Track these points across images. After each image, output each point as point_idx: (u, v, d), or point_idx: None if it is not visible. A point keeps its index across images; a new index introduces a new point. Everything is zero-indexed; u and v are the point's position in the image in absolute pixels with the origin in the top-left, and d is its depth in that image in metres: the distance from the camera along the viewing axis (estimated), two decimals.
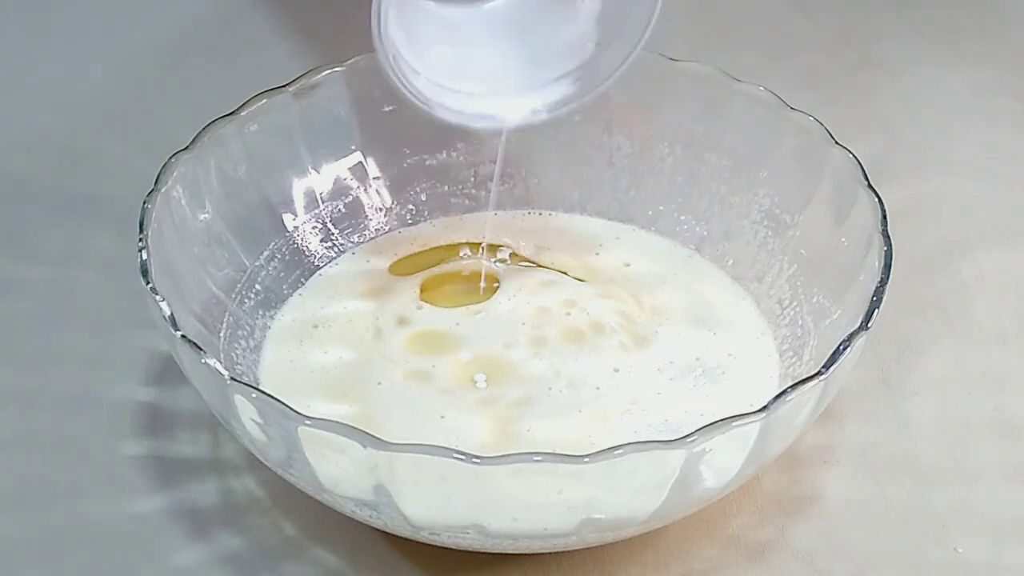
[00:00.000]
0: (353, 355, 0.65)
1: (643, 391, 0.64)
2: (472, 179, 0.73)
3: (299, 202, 0.70)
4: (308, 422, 0.55)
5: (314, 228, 0.70)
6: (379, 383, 0.64)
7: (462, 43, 0.68)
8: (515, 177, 0.73)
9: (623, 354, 0.65)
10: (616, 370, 0.65)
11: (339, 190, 0.71)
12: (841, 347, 0.58)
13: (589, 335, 0.66)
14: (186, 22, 0.90)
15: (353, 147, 0.72)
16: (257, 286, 0.68)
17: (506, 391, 0.64)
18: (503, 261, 0.70)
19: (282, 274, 0.69)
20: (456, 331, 0.66)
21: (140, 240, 0.61)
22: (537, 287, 0.69)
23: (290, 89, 0.69)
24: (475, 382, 0.64)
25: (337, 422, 0.54)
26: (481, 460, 0.54)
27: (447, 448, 0.54)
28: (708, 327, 0.67)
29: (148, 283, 0.60)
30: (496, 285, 0.69)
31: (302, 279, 0.69)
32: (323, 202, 0.71)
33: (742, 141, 0.70)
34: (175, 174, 0.65)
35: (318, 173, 0.71)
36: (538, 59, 0.68)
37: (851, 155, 0.66)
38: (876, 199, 0.63)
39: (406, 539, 0.59)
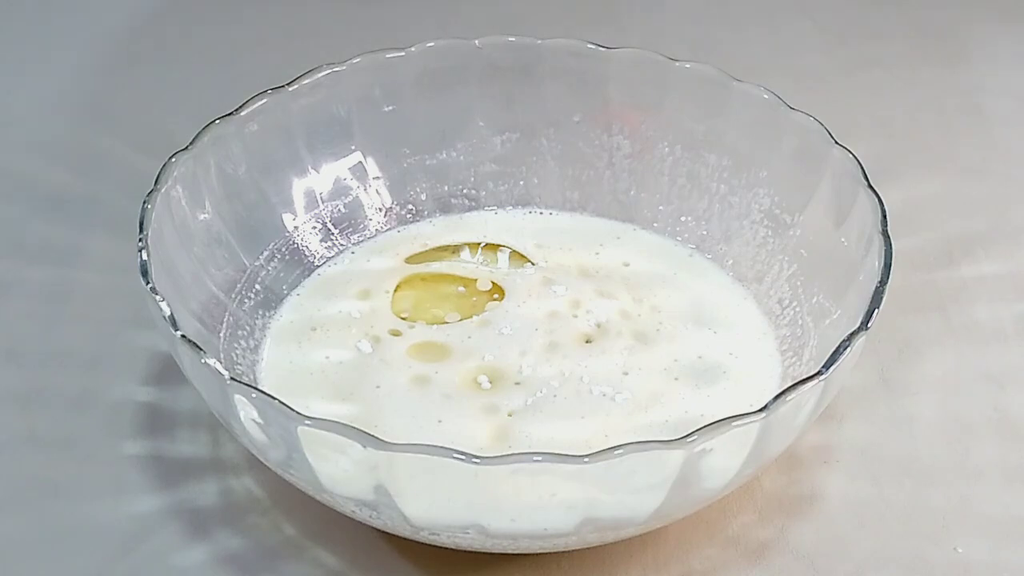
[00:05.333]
0: (352, 358, 0.65)
1: (648, 392, 0.64)
2: (472, 179, 0.73)
3: (299, 202, 0.70)
4: (308, 422, 0.55)
5: (314, 228, 0.70)
6: (378, 386, 0.64)
7: None
8: (515, 177, 0.73)
9: (630, 356, 0.65)
10: (625, 373, 0.65)
11: (339, 190, 0.71)
12: (841, 347, 0.58)
13: (597, 338, 0.66)
14: (187, 22, 0.90)
15: (353, 147, 0.72)
16: (257, 286, 0.68)
17: (509, 397, 0.63)
18: (492, 264, 0.70)
19: (282, 274, 0.69)
20: (467, 343, 0.66)
21: (140, 240, 0.61)
22: (540, 288, 0.68)
23: (290, 89, 0.69)
24: (479, 384, 0.64)
25: (337, 422, 0.54)
26: (481, 460, 0.53)
27: (447, 448, 0.54)
28: (709, 326, 0.67)
29: (148, 283, 0.60)
30: (496, 296, 0.69)
31: (302, 279, 0.69)
32: (323, 202, 0.71)
33: (742, 141, 0.70)
34: (175, 174, 0.65)
35: (318, 173, 0.71)
36: None
37: (851, 155, 0.66)
38: (876, 199, 0.63)
39: (406, 539, 0.59)
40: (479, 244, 0.71)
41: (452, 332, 0.66)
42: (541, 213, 0.73)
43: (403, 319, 0.67)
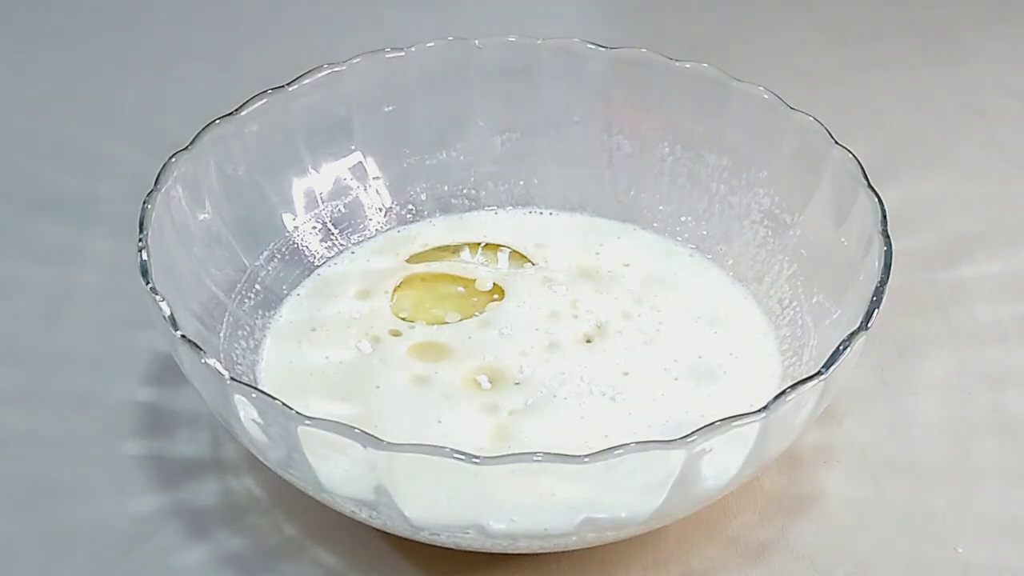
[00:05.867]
0: (352, 358, 0.65)
1: (648, 392, 0.64)
2: (472, 179, 0.73)
3: (299, 202, 0.70)
4: (308, 422, 0.55)
5: (314, 228, 0.70)
6: (378, 386, 0.64)
7: None
8: (515, 177, 0.73)
9: (630, 356, 0.65)
10: (625, 373, 0.65)
11: (339, 190, 0.71)
12: (841, 347, 0.58)
13: (597, 338, 0.66)
14: (186, 22, 0.90)
15: (353, 147, 0.72)
16: (257, 286, 0.68)
17: (509, 397, 0.63)
18: (493, 263, 0.70)
19: (282, 274, 0.69)
20: (467, 343, 0.66)
21: (140, 240, 0.61)
22: (540, 288, 0.68)
23: (290, 89, 0.69)
24: (479, 384, 0.64)
25: (337, 422, 0.54)
26: (480, 460, 0.53)
27: (447, 448, 0.54)
28: (709, 327, 0.67)
29: (148, 283, 0.60)
30: (496, 296, 0.68)
31: (302, 279, 0.69)
32: (323, 202, 0.71)
33: (742, 141, 0.70)
34: (175, 174, 0.65)
35: (318, 173, 0.71)
36: None
37: (851, 155, 0.65)
38: (876, 199, 0.63)
39: (406, 539, 0.59)
40: (479, 244, 0.71)
41: (452, 332, 0.66)
42: (541, 213, 0.73)
43: (403, 319, 0.67)
